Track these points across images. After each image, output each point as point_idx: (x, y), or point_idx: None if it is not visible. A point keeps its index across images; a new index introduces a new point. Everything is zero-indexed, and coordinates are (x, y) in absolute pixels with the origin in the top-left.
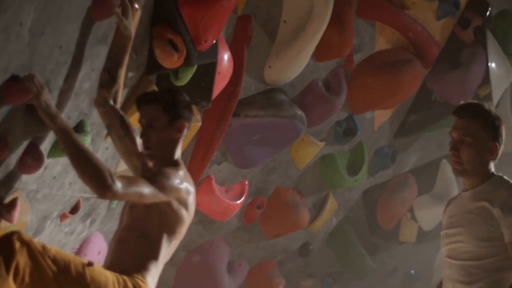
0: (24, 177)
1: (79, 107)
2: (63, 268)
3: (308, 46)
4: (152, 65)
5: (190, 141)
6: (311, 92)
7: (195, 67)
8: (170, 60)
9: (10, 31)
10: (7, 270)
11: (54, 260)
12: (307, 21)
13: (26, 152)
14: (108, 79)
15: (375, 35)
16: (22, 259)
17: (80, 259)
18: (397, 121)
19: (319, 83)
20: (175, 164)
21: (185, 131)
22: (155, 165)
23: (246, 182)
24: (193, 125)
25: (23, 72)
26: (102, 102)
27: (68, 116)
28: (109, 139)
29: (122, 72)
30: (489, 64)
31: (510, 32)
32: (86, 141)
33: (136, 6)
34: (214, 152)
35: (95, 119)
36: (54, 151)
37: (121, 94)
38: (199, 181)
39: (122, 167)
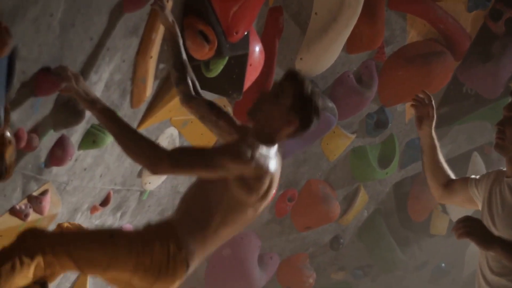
0: (55, 169)
1: (110, 99)
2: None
3: (339, 38)
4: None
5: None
6: (342, 84)
7: (226, 58)
8: (201, 52)
9: (41, 23)
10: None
11: (73, 238)
12: (339, 12)
13: (56, 144)
14: (177, 75)
15: (406, 27)
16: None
17: (106, 231)
18: None
19: (350, 75)
20: (267, 142)
21: (290, 129)
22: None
23: None
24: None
25: (54, 64)
26: (185, 99)
27: None
28: (140, 130)
29: (185, 57)
30: None
31: None
32: None
33: None
34: None
35: (126, 111)
36: (84, 143)
37: (152, 85)
38: None
39: None
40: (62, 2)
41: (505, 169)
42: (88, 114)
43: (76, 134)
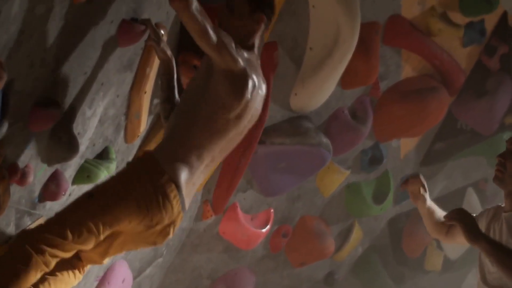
0: (49, 204)
1: (104, 134)
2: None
3: (334, 73)
4: (179, 93)
5: (216, 169)
6: (337, 120)
7: None
8: None
9: (35, 57)
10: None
11: (65, 217)
12: (333, 48)
13: (50, 179)
14: (169, 107)
15: (401, 63)
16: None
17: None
18: (423, 149)
19: (345, 111)
20: (247, 48)
21: (263, 26)
22: None
23: (272, 210)
24: None
25: (47, 98)
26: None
27: (93, 142)
28: None
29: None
30: None
31: None
32: (111, 168)
33: (162, 32)
34: (239, 180)
35: (119, 146)
36: (78, 178)
37: (146, 121)
38: (224, 209)
39: None
40: (56, 37)
41: (503, 205)
42: (81, 149)
43: (70, 169)
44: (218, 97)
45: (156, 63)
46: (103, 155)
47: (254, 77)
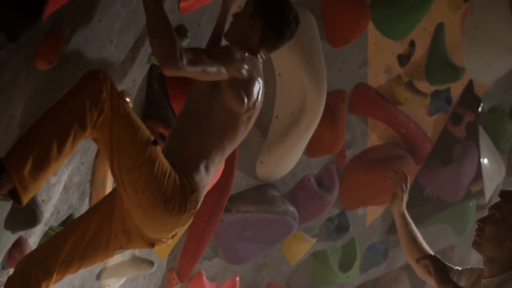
0: (13, 271)
1: (68, 201)
2: (130, 126)
3: (300, 141)
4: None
5: (181, 237)
6: (303, 188)
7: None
8: None
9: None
10: (96, 108)
11: (127, 116)
12: (300, 116)
13: (14, 246)
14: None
15: (367, 131)
16: (106, 101)
17: (149, 134)
18: (390, 217)
19: (311, 179)
20: (252, 49)
21: (260, 35)
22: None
23: (237, 278)
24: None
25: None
26: None
27: (58, 209)
28: None
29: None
30: (481, 159)
31: (502, 127)
32: None
33: (128, 100)
34: (205, 248)
35: None
36: None
37: (111, 188)
38: (189, 277)
39: None
40: (21, 104)
41: None
42: (46, 216)
43: (34, 236)
44: (227, 106)
45: None
46: (68, 222)
47: (259, 79)
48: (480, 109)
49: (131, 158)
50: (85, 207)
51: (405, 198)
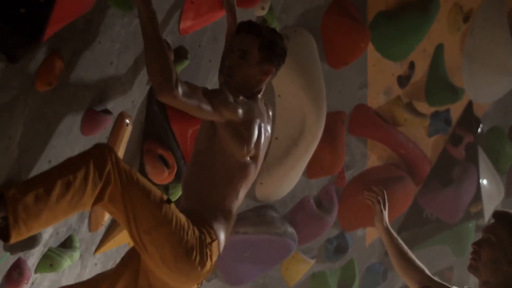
0: None
1: (67, 222)
2: (142, 192)
3: (300, 163)
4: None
5: None
6: (302, 209)
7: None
8: (160, 176)
9: None
10: (100, 178)
11: (137, 182)
12: (299, 138)
13: (13, 267)
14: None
15: (366, 152)
16: (113, 172)
17: (160, 193)
18: None
19: (310, 200)
20: (252, 94)
21: (269, 77)
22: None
23: None
24: None
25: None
26: None
27: (57, 231)
28: (98, 255)
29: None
30: (480, 181)
31: (501, 148)
32: (75, 256)
33: (127, 121)
34: None
35: (83, 235)
36: (41, 267)
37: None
38: None
39: None
40: (20, 125)
41: None
42: (45, 237)
43: (32, 257)
44: (229, 152)
45: (121, 152)
46: (67, 244)
47: (257, 119)
48: (479, 130)
49: (148, 221)
50: (84, 228)
51: (385, 211)
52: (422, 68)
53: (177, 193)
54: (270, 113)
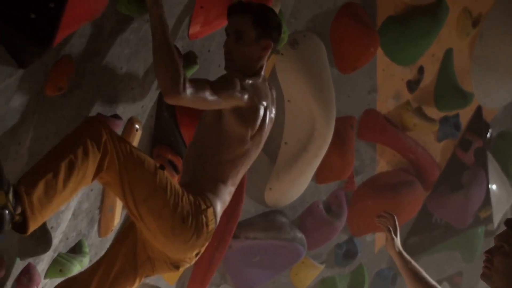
0: None
1: (77, 228)
2: (136, 160)
3: (309, 168)
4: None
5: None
6: (311, 215)
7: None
8: None
9: (9, 151)
10: (98, 149)
11: (130, 151)
12: (308, 143)
13: (22, 272)
14: None
15: (376, 157)
16: (108, 142)
17: (154, 161)
18: None
19: (320, 205)
20: (254, 73)
21: (269, 51)
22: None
23: None
24: None
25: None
26: None
27: (67, 236)
28: None
29: None
30: (489, 185)
31: (510, 153)
32: (84, 262)
33: (137, 126)
34: (213, 274)
35: (93, 240)
36: (51, 272)
37: (121, 214)
38: None
39: None
40: (30, 130)
41: None
42: (55, 242)
43: (42, 262)
44: (233, 133)
45: None
46: (76, 249)
47: (264, 102)
48: (488, 135)
49: (143, 189)
50: (94, 234)
51: (396, 238)
52: (431, 73)
53: None
54: (274, 95)
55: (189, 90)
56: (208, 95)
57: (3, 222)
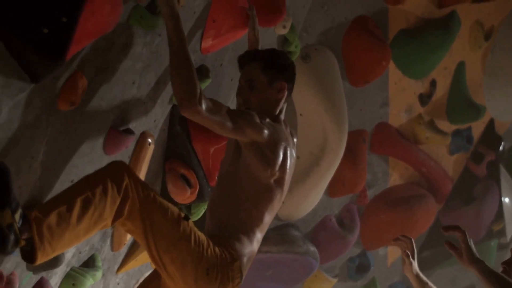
0: None
1: (90, 242)
2: (159, 208)
3: (322, 181)
4: None
5: None
6: (324, 228)
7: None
8: (183, 196)
9: (21, 164)
10: (118, 192)
11: (154, 198)
12: (321, 156)
13: (35, 286)
14: None
15: (388, 170)
16: (130, 187)
17: (178, 210)
18: None
19: (332, 219)
20: (275, 117)
21: (286, 92)
22: None
23: None
24: None
25: (32, 205)
26: None
27: (79, 250)
28: (120, 274)
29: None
30: (502, 198)
31: None
32: (97, 276)
33: (149, 140)
34: None
35: (106, 254)
36: (64, 286)
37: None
38: None
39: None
40: (43, 144)
41: None
42: (67, 257)
43: (55, 276)
44: (254, 174)
45: (144, 168)
46: (89, 263)
47: (283, 143)
48: (501, 148)
49: (167, 238)
50: (107, 248)
51: (414, 262)
52: (444, 86)
53: (199, 213)
54: (295, 140)
55: (205, 105)
56: (225, 117)
57: (6, 242)
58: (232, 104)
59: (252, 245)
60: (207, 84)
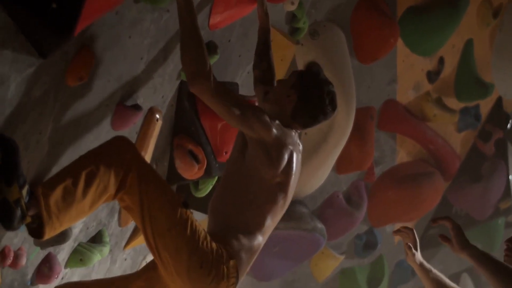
0: (41, 287)
1: (98, 217)
2: (158, 187)
3: (329, 158)
4: (172, 176)
5: None
6: (331, 205)
7: (216, 178)
8: (190, 171)
9: (30, 140)
10: (122, 165)
11: (154, 176)
12: (328, 133)
13: (43, 262)
14: (260, 75)
15: (396, 147)
16: (133, 160)
17: (177, 195)
18: (418, 235)
19: (340, 196)
20: (289, 126)
21: (292, 104)
22: None
23: None
24: None
25: (40, 181)
26: (255, 84)
27: (87, 226)
28: (127, 250)
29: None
30: (509, 177)
31: None
32: (104, 251)
33: (157, 116)
34: None
35: (113, 230)
36: (71, 262)
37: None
38: None
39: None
40: (51, 120)
41: None
42: (75, 232)
43: (63, 252)
44: (256, 172)
45: (150, 147)
46: (97, 239)
47: (290, 146)
48: (509, 125)
49: (163, 220)
50: (114, 223)
51: (417, 252)
52: (452, 64)
53: (206, 189)
54: (301, 148)
55: (214, 84)
56: (234, 103)
57: (13, 218)
58: (241, 80)
59: (252, 247)
60: (215, 60)
